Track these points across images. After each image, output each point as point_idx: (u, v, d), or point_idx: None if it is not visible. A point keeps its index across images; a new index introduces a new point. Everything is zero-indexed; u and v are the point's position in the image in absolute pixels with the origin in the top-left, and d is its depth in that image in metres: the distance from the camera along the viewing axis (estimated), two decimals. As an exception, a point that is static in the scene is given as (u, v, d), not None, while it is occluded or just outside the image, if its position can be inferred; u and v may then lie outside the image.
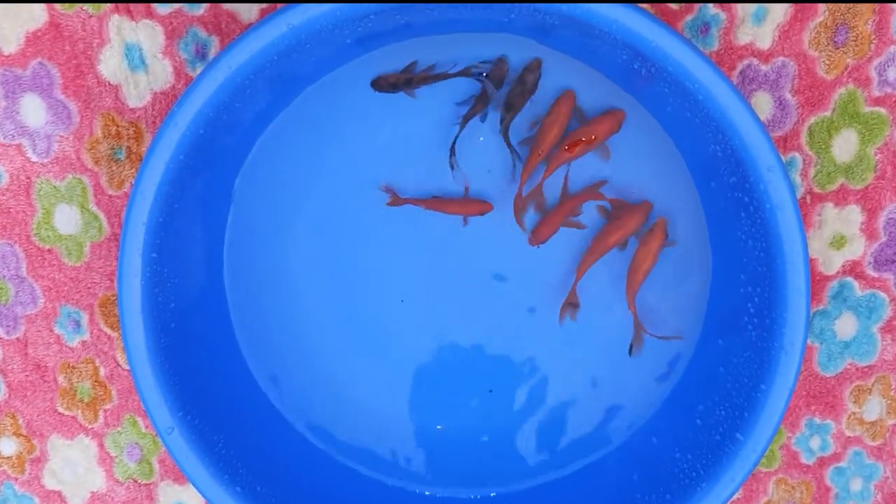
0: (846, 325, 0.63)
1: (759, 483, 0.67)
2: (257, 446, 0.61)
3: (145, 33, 0.59)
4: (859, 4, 0.57)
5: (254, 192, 0.60)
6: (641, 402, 0.63)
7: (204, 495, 0.57)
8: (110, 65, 0.60)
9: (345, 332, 0.63)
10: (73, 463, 0.68)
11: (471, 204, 0.60)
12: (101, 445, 0.68)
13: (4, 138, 0.61)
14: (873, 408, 0.65)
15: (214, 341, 0.61)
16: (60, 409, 0.67)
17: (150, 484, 0.69)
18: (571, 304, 0.60)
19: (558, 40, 0.55)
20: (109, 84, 0.60)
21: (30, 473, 0.69)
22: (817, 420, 0.65)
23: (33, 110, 0.60)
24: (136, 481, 0.69)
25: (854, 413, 0.65)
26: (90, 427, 0.67)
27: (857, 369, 0.64)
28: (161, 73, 0.60)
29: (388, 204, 0.60)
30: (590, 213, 0.60)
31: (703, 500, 0.55)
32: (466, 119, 0.58)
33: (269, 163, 0.60)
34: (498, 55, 0.57)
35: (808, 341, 0.64)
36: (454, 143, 0.58)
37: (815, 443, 0.66)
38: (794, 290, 0.51)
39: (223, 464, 0.57)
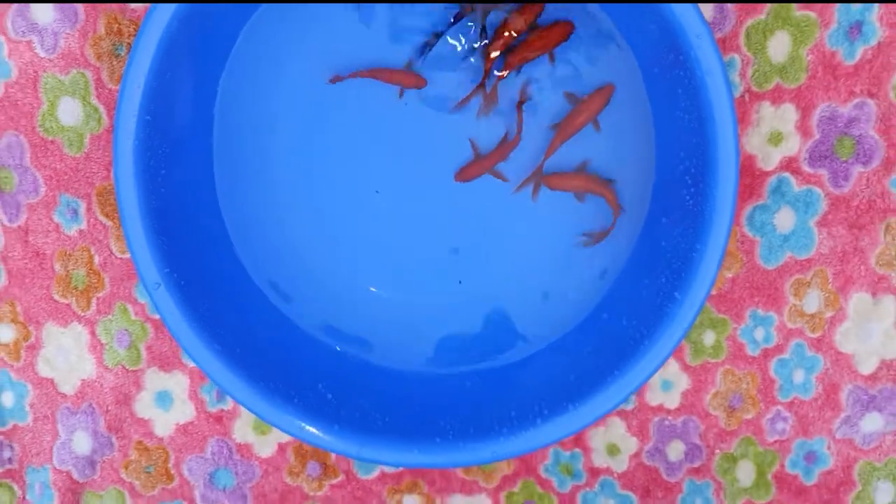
0: (785, 219, 0.68)
1: (707, 374, 0.71)
2: (238, 315, 0.65)
3: (147, -62, 0.65)
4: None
5: (243, 71, 0.65)
6: (592, 287, 0.68)
7: (187, 352, 0.62)
8: (115, -33, 0.66)
9: (321, 217, 0.68)
10: (65, 350, 0.73)
11: (406, 76, 0.65)
12: (92, 333, 0.73)
13: (16, 34, 0.67)
14: (812, 301, 0.70)
15: (201, 214, 0.66)
16: (56, 297, 0.72)
17: (137, 370, 0.73)
18: (536, 182, 0.66)
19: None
20: (113, -15, 0.66)
21: (25, 360, 0.73)
22: (760, 312, 0.70)
23: (43, 9, 0.66)
24: (124, 367, 0.73)
25: (795, 305, 0.70)
26: (83, 315, 0.72)
27: (796, 262, 0.69)
28: (160, -24, 0.66)
29: (330, 81, 0.65)
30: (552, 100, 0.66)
31: (645, 356, 0.60)
32: (457, 18, 0.64)
33: (261, 42, 0.65)
34: None
35: (750, 235, 0.69)
36: (438, 35, 0.64)
37: (759, 334, 0.71)
38: (724, 152, 0.57)
39: (205, 322, 0.62)
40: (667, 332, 0.60)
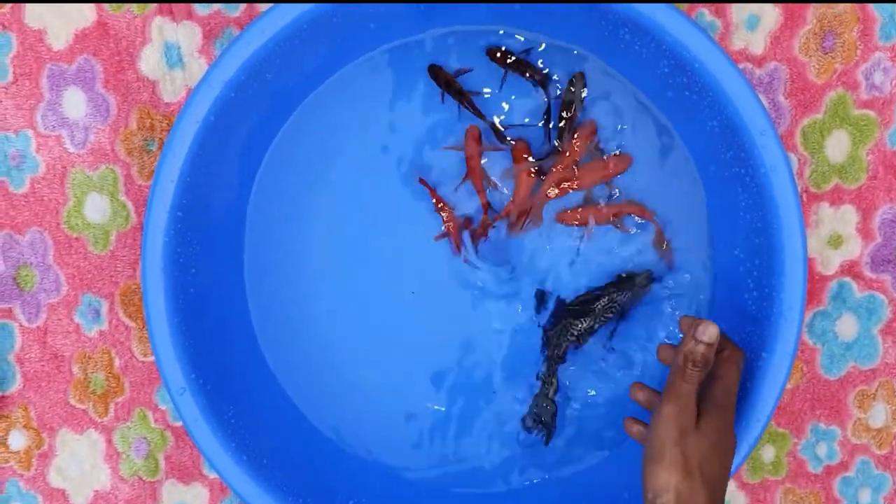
0: (847, 327, 0.64)
1: (767, 492, 0.66)
2: (265, 423, 0.61)
3: (184, 33, 0.64)
4: (844, 13, 0.61)
5: (277, 176, 0.63)
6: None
7: (210, 463, 0.57)
8: (150, 62, 0.64)
9: (356, 323, 0.65)
10: (79, 459, 0.69)
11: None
12: (108, 441, 0.68)
13: (46, 129, 0.65)
14: (878, 414, 0.65)
15: (233, 317, 0.62)
16: (72, 402, 0.68)
17: (154, 482, 0.69)
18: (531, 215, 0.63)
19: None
20: (148, 80, 0.64)
21: (36, 469, 0.69)
22: (822, 425, 0.65)
23: (75, 103, 0.65)
24: (141, 479, 0.69)
25: (860, 419, 0.65)
26: (100, 421, 0.68)
27: (860, 373, 0.65)
28: (196, 71, 0.64)
29: (419, 180, 0.63)
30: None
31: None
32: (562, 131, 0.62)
33: (293, 149, 0.63)
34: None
35: (810, 343, 0.65)
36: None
37: (821, 450, 0.66)
38: (791, 254, 0.53)
39: (231, 431, 0.58)
40: (731, 447, 0.55)
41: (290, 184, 0.63)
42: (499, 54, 0.61)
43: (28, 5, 0.63)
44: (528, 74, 0.61)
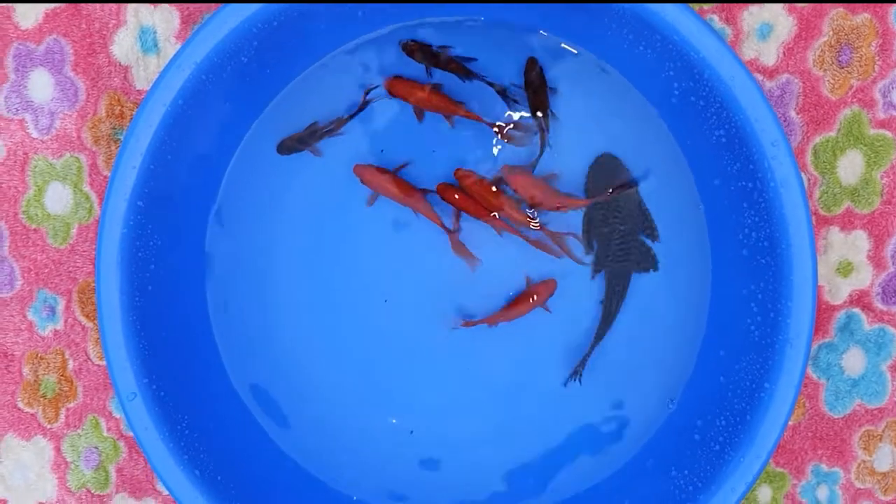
0: (854, 361, 0.60)
1: (761, 537, 0.62)
2: (223, 437, 0.57)
3: (161, 16, 0.60)
4: (862, 26, 0.58)
5: (247, 172, 0.59)
6: (636, 429, 0.59)
7: (160, 476, 0.53)
8: (123, 46, 0.60)
9: (324, 330, 0.60)
10: (24, 467, 0.64)
11: (538, 290, 0.58)
12: (57, 449, 0.64)
13: (8, 112, 0.61)
14: (884, 457, 0.61)
15: (194, 321, 0.58)
16: (21, 405, 0.63)
17: (104, 496, 0.64)
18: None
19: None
20: (120, 65, 0.61)
21: (-23, 477, 0.64)
22: (824, 467, 0.61)
23: (41, 86, 0.61)
24: (89, 491, 0.64)
25: (864, 461, 0.61)
26: (49, 427, 0.63)
27: (866, 411, 0.61)
28: (172, 57, 0.60)
29: (464, 325, 0.59)
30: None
31: (701, 514, 0.51)
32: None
33: (269, 140, 0.59)
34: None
35: (814, 377, 0.61)
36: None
37: (822, 493, 0.61)
38: (800, 277, 0.49)
39: (184, 443, 0.53)
40: (726, 485, 0.51)
41: (263, 177, 0.59)
42: (415, 48, 0.56)
43: (-4, -22, 0.59)
44: (448, 69, 0.57)
